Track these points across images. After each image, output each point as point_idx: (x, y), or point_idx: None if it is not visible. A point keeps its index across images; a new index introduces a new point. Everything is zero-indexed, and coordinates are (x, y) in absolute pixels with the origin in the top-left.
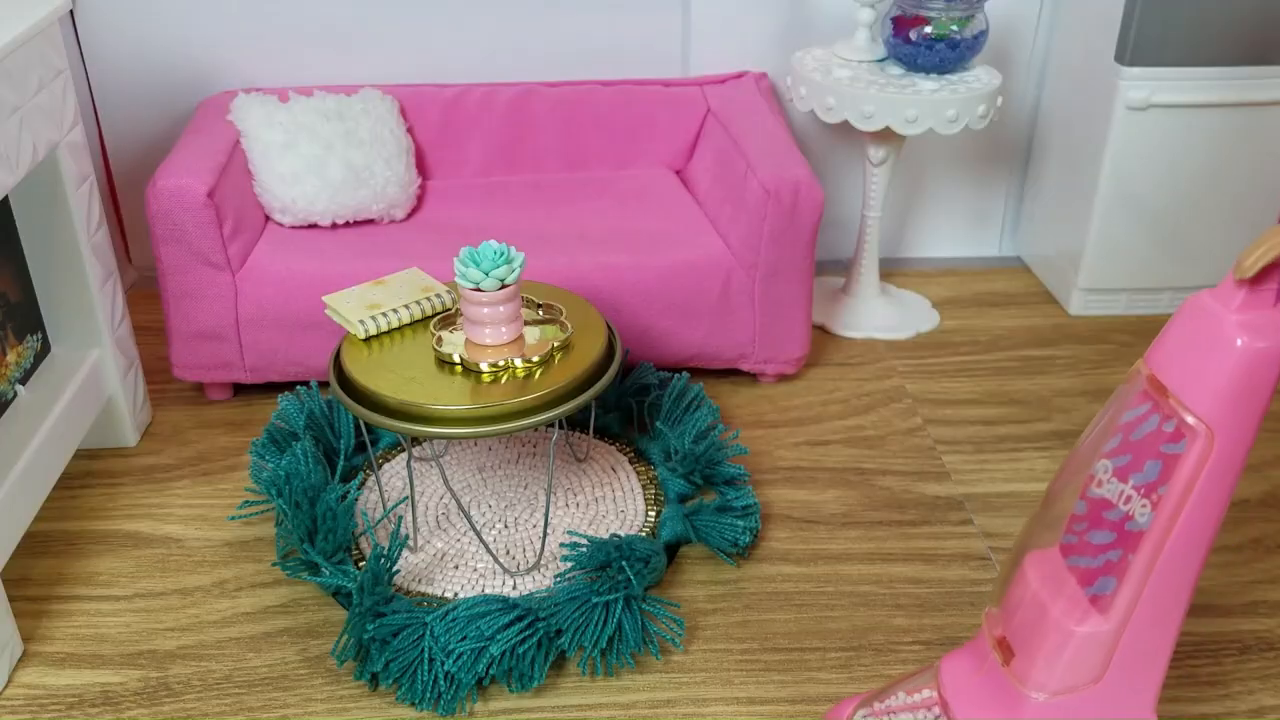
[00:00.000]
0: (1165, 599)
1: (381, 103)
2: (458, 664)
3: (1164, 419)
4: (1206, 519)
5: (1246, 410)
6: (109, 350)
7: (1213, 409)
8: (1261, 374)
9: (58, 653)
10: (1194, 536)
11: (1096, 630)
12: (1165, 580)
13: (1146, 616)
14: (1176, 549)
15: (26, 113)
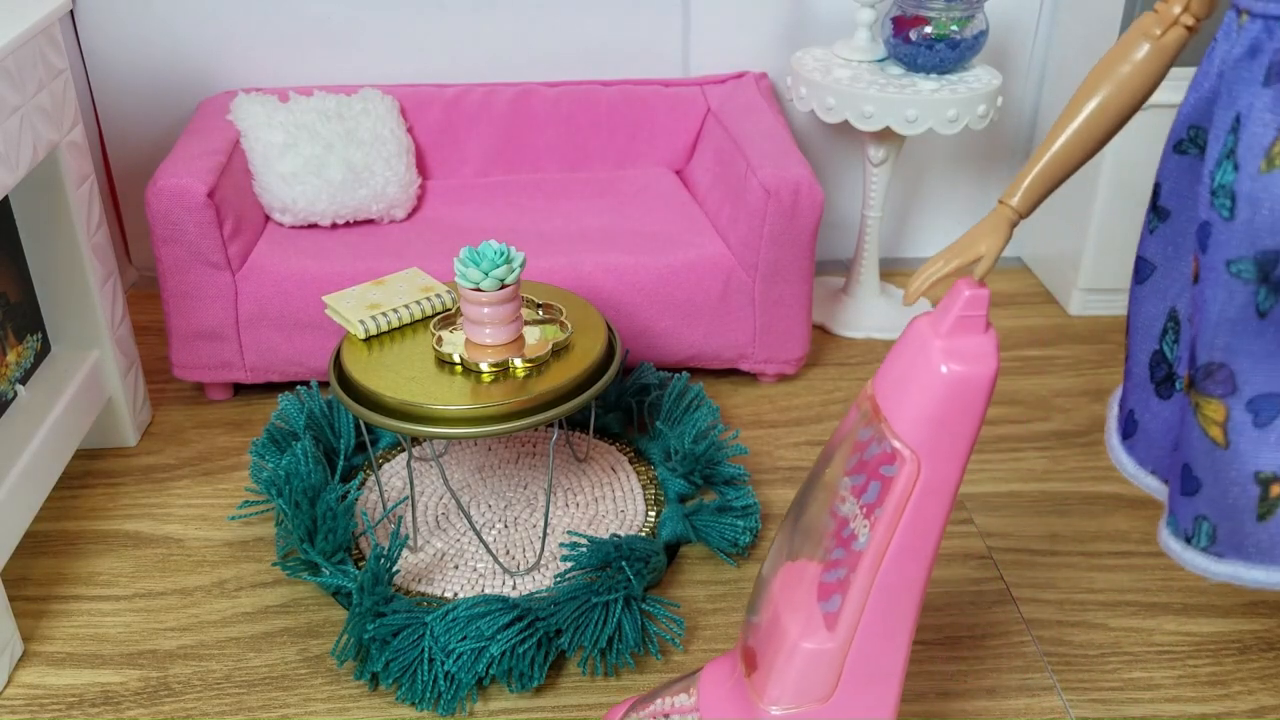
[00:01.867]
0: (888, 619)
1: (381, 103)
2: (457, 664)
3: (882, 441)
4: (920, 542)
5: (952, 436)
6: (109, 350)
7: (917, 434)
8: (967, 400)
9: (58, 653)
10: (909, 558)
11: (822, 647)
12: (886, 600)
13: (871, 636)
14: (893, 570)
15: (27, 112)
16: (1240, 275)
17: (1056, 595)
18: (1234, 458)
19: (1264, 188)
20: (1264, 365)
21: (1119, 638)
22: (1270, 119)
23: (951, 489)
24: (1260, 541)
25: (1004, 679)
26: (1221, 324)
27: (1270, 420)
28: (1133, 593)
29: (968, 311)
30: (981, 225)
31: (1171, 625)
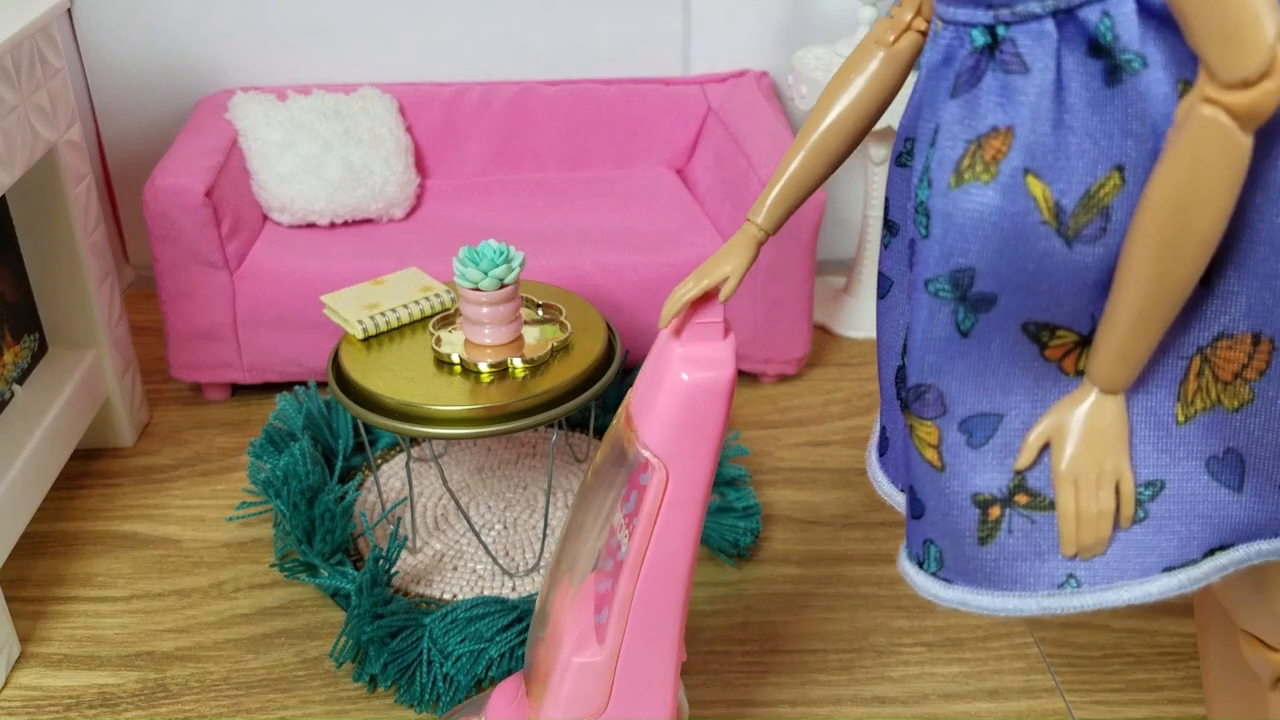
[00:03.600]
0: (653, 627)
1: (380, 101)
2: (456, 666)
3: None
4: (676, 550)
5: (696, 444)
6: (106, 350)
7: (663, 443)
8: (707, 407)
9: (55, 654)
10: (666, 567)
11: (592, 660)
12: (648, 610)
13: (637, 646)
14: (651, 579)
15: (24, 111)
16: (939, 294)
17: None
18: (950, 480)
19: (954, 203)
20: (972, 385)
21: (1122, 639)
22: (958, 132)
23: (700, 495)
24: (983, 566)
25: (1006, 680)
26: (927, 344)
27: (985, 441)
28: None
29: (704, 319)
30: (728, 244)
31: (1174, 626)
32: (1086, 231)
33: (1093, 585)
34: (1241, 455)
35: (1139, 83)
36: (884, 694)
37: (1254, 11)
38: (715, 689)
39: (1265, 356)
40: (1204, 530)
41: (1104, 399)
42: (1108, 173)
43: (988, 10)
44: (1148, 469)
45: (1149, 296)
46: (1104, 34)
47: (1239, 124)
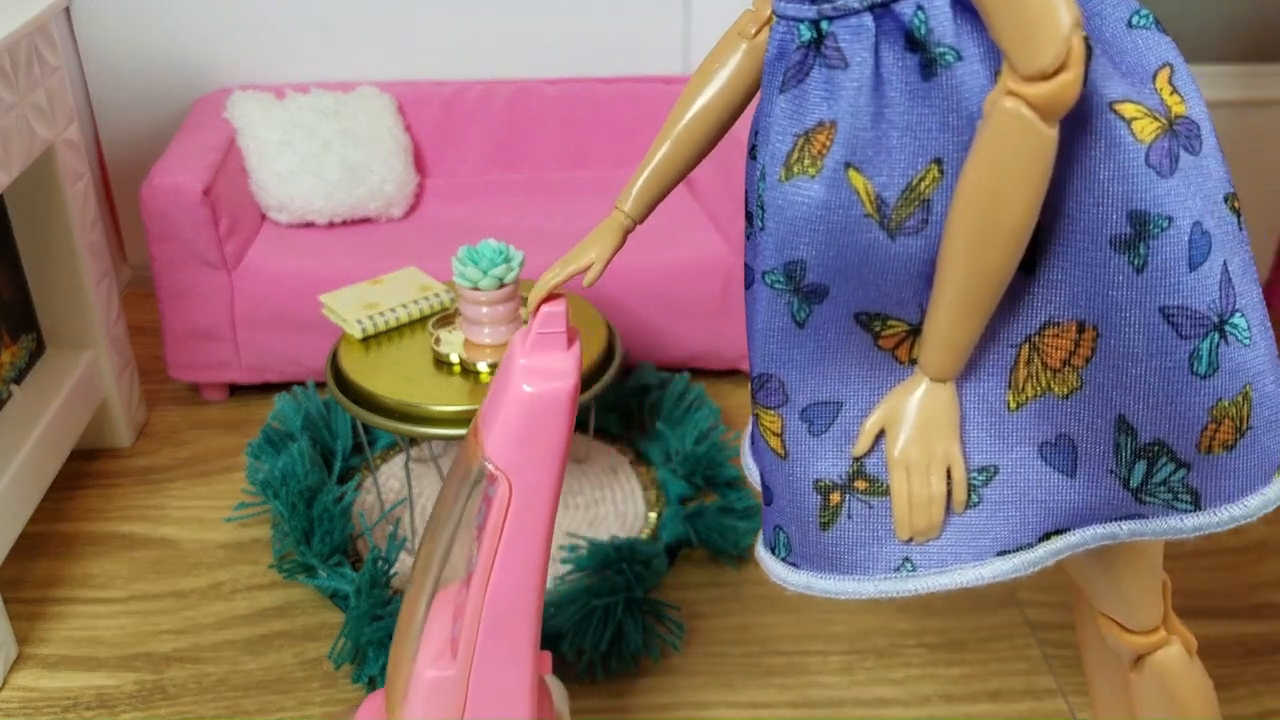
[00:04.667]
0: (504, 642)
1: (379, 100)
2: None
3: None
4: (524, 563)
5: (539, 456)
6: (104, 350)
7: (506, 455)
8: (548, 419)
9: (52, 655)
10: (515, 580)
11: (444, 674)
12: (499, 623)
13: (490, 659)
14: (500, 592)
15: (21, 110)
16: (774, 286)
17: (1061, 598)
18: (793, 467)
19: (785, 197)
20: (811, 374)
21: None
22: (787, 126)
23: (547, 507)
24: (825, 550)
25: (1008, 682)
26: (767, 335)
27: (825, 429)
28: None
29: (545, 329)
30: (595, 231)
31: None
32: (909, 223)
33: (927, 569)
34: (1074, 441)
35: (953, 76)
36: (885, 696)
37: (1048, 4)
38: (716, 690)
39: (1090, 344)
40: (1038, 515)
41: (935, 387)
42: (927, 165)
43: (812, 5)
44: (981, 454)
45: (967, 287)
46: (918, 27)
47: (1040, 116)
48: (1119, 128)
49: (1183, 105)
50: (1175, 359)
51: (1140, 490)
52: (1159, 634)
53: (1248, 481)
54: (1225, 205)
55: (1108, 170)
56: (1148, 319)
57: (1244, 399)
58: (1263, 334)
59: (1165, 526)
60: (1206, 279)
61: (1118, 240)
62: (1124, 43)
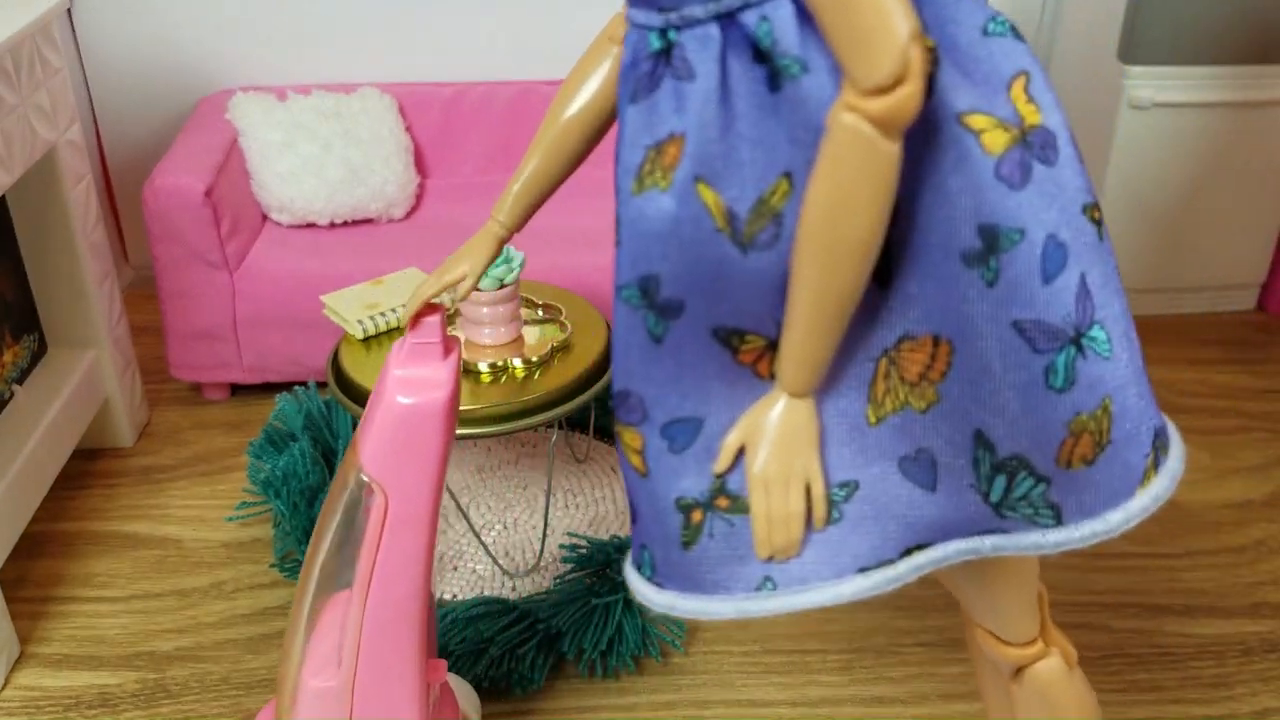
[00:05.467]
0: (388, 654)
1: (380, 101)
2: (457, 666)
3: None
4: (403, 576)
5: (415, 468)
6: (106, 350)
7: (381, 467)
8: (424, 431)
9: (55, 654)
10: (394, 593)
11: (326, 685)
12: (380, 635)
13: (373, 672)
14: (380, 603)
15: (24, 111)
16: (630, 301)
17: (1059, 597)
18: (655, 485)
19: (637, 210)
20: (670, 391)
21: (1122, 640)
22: (638, 137)
23: (426, 519)
24: (687, 569)
25: None
26: (625, 351)
27: (686, 446)
28: (1135, 594)
29: (420, 339)
30: (470, 242)
31: (1174, 627)
32: (760, 238)
33: (787, 587)
34: (933, 455)
35: (800, 88)
36: (884, 694)
37: (884, 15)
38: (715, 689)
39: (946, 358)
40: (900, 530)
41: (794, 402)
42: (777, 179)
43: (659, 14)
44: (842, 470)
45: (817, 302)
46: (763, 38)
47: (881, 131)
48: (968, 140)
49: (1038, 115)
50: (1031, 373)
51: (1001, 505)
52: (1036, 646)
53: (1109, 496)
54: (1084, 216)
55: (957, 183)
56: (1001, 333)
57: (1104, 412)
58: (1125, 346)
59: (1027, 542)
60: (1062, 292)
61: (969, 254)
62: (979, 50)
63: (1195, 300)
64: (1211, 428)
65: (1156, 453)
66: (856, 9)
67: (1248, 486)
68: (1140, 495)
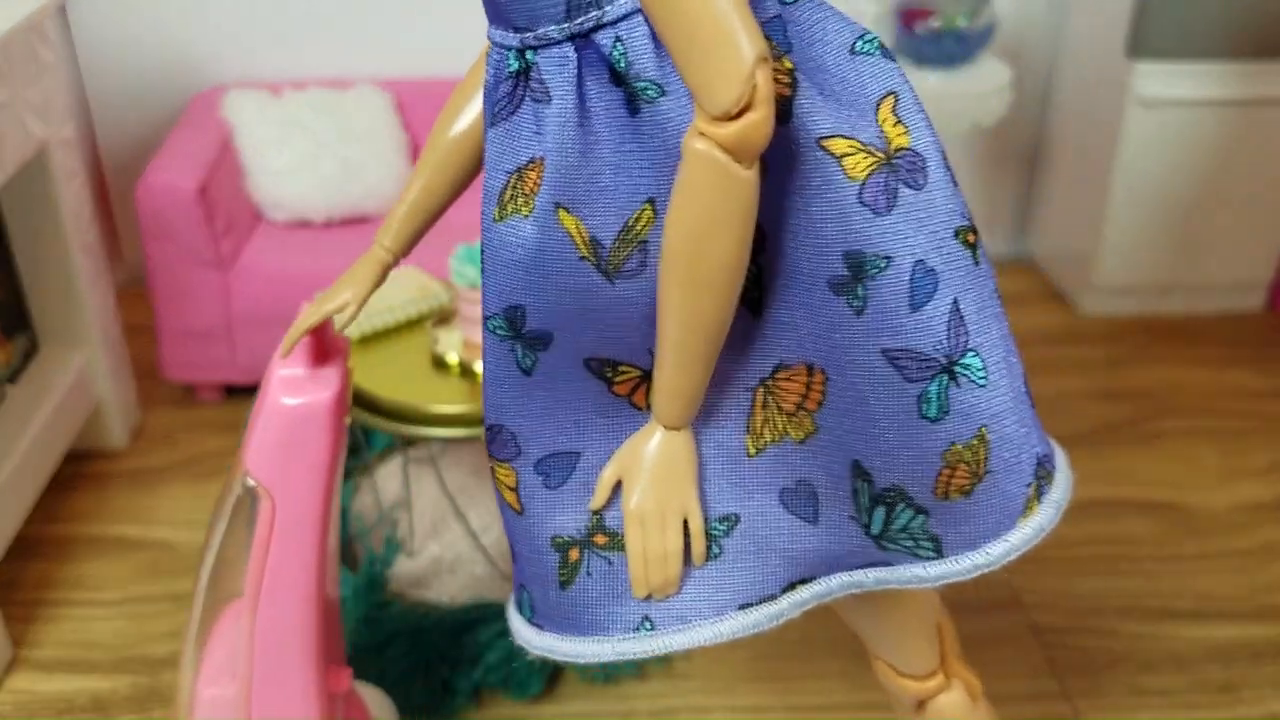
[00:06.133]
0: (281, 663)
1: (377, 98)
2: (455, 671)
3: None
4: (293, 584)
5: (301, 472)
6: (98, 350)
7: (266, 471)
8: (308, 433)
9: (47, 658)
10: (285, 601)
11: (222, 694)
12: (274, 644)
13: (268, 679)
14: (271, 611)
15: (16, 108)
16: (497, 332)
17: (1066, 601)
18: (531, 523)
19: (500, 238)
20: (544, 425)
21: (1130, 644)
22: (498, 161)
23: (316, 524)
24: (565, 610)
25: (1012, 685)
26: (495, 384)
27: (563, 481)
28: (1144, 598)
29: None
30: (353, 268)
31: (1183, 631)
32: (627, 266)
33: (666, 626)
34: (813, 487)
35: (658, 111)
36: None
37: (728, 39)
38: (714, 695)
39: (820, 388)
40: (781, 564)
41: (670, 434)
42: (641, 206)
43: (515, 34)
44: (721, 503)
45: (685, 332)
46: (618, 60)
47: (733, 157)
48: (829, 165)
49: (906, 137)
50: (903, 403)
51: (882, 537)
52: (936, 679)
53: (990, 527)
54: (956, 240)
55: (820, 209)
56: (871, 362)
57: (980, 442)
58: (1003, 373)
59: (909, 575)
60: (932, 319)
61: (835, 282)
62: (846, 70)
63: (1204, 300)
64: (1220, 428)
65: (1039, 482)
66: (699, 33)
67: (1257, 488)
68: (1022, 527)
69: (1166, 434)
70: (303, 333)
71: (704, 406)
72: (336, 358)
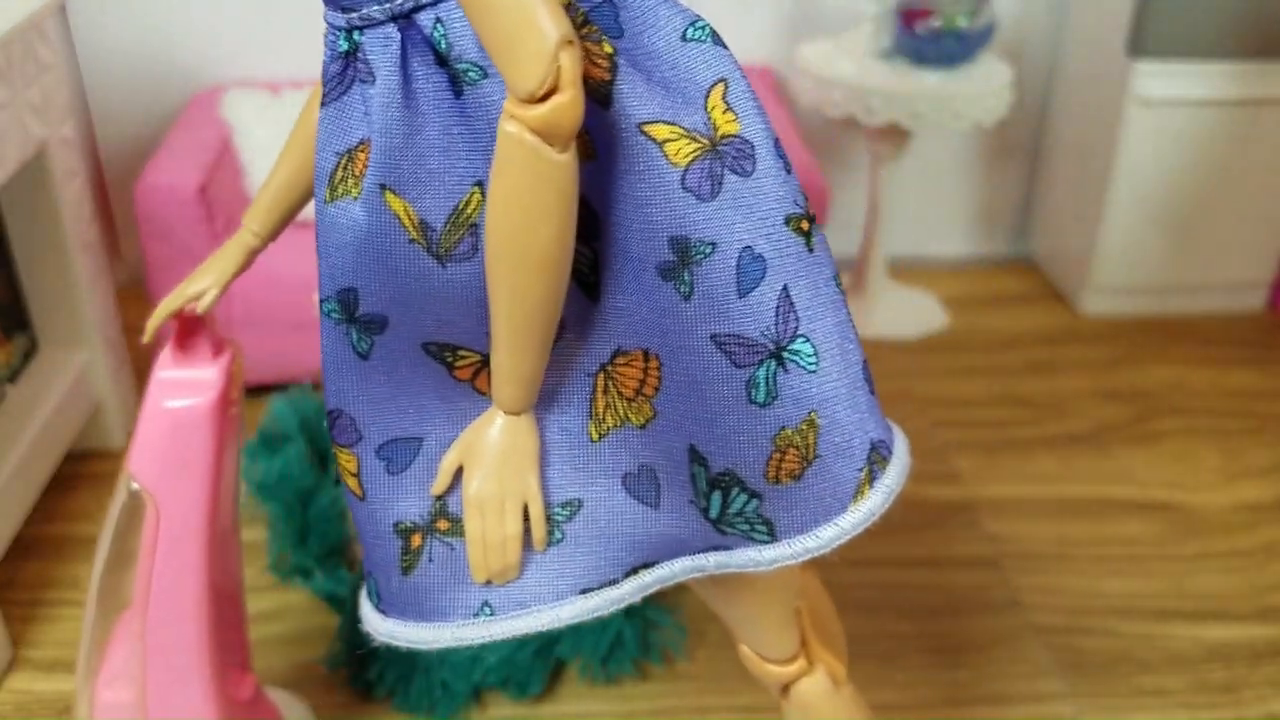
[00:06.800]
0: (176, 665)
1: None
2: (453, 672)
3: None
4: (180, 588)
5: (184, 474)
6: (98, 350)
7: (148, 474)
8: (190, 436)
9: (46, 658)
10: (174, 605)
11: (119, 697)
12: (165, 646)
13: (163, 683)
14: (160, 615)
15: (16, 108)
16: (331, 316)
17: (1066, 601)
18: (373, 509)
19: (331, 220)
20: (385, 409)
21: (1129, 644)
22: (329, 142)
23: (201, 529)
24: (408, 596)
25: (1011, 686)
26: (333, 368)
27: (405, 467)
28: (1144, 598)
29: (184, 340)
30: (219, 251)
31: (1183, 631)
32: (459, 250)
33: (505, 611)
34: (655, 472)
35: (481, 94)
36: (887, 700)
37: (530, 23)
38: (717, 695)
39: (657, 373)
40: (624, 549)
41: (511, 419)
42: (470, 189)
43: (343, 14)
44: (565, 488)
45: (514, 316)
46: (439, 41)
47: (543, 139)
48: (651, 150)
49: (735, 124)
50: (732, 387)
51: (720, 521)
52: (797, 663)
53: (820, 511)
54: (787, 227)
55: (645, 195)
56: (700, 347)
57: (809, 427)
58: (835, 360)
59: (745, 558)
60: (759, 305)
61: (663, 267)
62: (676, 57)
63: (1204, 300)
64: (1221, 429)
65: (872, 466)
66: (502, 16)
67: (1258, 488)
68: (852, 511)
69: (1166, 434)
70: (163, 318)
71: (547, 391)
72: (223, 355)
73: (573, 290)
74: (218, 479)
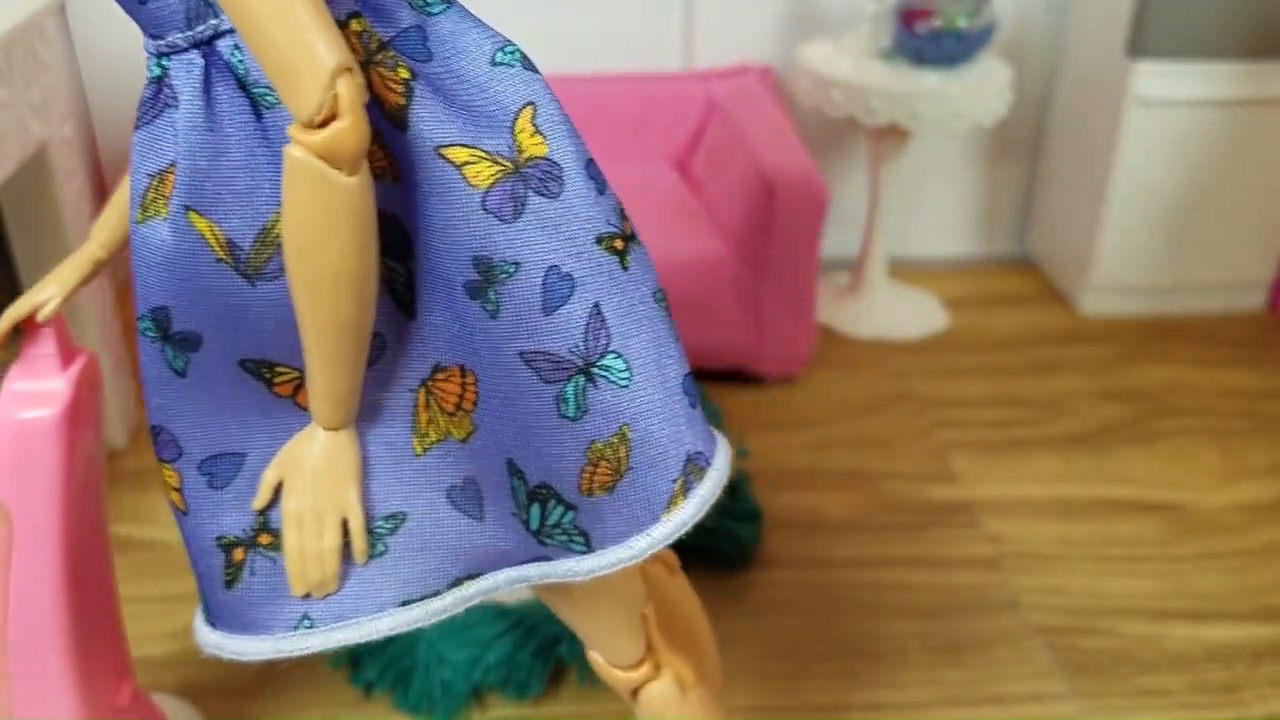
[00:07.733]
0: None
1: None
2: (453, 672)
3: None
4: (39, 598)
5: (34, 485)
6: (98, 350)
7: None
8: (40, 446)
9: None
10: (32, 618)
11: None
12: (27, 659)
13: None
14: (20, 630)
15: (16, 108)
16: (147, 334)
17: (1066, 601)
18: (196, 524)
19: (143, 240)
20: (206, 425)
21: (1130, 645)
22: (140, 164)
23: (54, 542)
24: (231, 608)
25: (1012, 686)
26: (152, 385)
27: (228, 482)
28: (1144, 598)
29: (34, 350)
30: (64, 263)
31: (1183, 631)
32: (268, 269)
33: (325, 624)
34: (479, 485)
35: (279, 117)
36: (887, 700)
37: (305, 50)
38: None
39: (474, 388)
40: (448, 561)
41: (330, 435)
42: (276, 209)
43: (152, 40)
44: (388, 502)
45: (319, 335)
46: (237, 67)
47: (331, 164)
48: (450, 173)
49: (543, 146)
50: (543, 402)
51: (540, 532)
52: (643, 668)
53: (632, 522)
54: (598, 246)
55: (447, 216)
56: (510, 363)
57: (620, 440)
58: (650, 375)
59: (565, 569)
60: (567, 322)
61: (469, 286)
62: (485, 80)
63: (1204, 300)
64: (1220, 429)
65: (687, 477)
66: (277, 43)
67: (1257, 488)
68: (665, 521)
69: (1166, 434)
70: (11, 323)
71: (371, 406)
72: (74, 365)
73: (390, 307)
74: (69, 488)
